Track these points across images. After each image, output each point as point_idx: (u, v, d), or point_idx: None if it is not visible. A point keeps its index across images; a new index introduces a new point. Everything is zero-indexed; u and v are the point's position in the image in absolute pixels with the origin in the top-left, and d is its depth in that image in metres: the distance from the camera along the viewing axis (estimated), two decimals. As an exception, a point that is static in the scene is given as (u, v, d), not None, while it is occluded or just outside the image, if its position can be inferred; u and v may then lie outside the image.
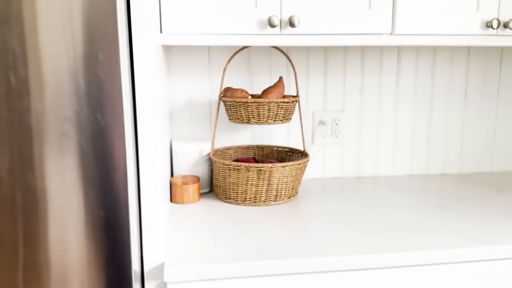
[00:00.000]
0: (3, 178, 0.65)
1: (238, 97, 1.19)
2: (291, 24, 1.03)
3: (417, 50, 1.44)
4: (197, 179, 1.23)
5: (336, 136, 1.45)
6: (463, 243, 0.92)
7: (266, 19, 1.04)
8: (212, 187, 1.30)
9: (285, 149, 1.36)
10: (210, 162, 1.28)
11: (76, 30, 0.63)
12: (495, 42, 1.13)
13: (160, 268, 0.83)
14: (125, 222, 0.70)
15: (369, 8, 1.08)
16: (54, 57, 0.64)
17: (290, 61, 1.24)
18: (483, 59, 1.48)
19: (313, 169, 1.46)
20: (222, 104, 1.37)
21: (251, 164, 1.14)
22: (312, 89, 1.42)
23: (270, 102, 1.16)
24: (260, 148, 1.39)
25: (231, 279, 0.85)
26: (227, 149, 1.36)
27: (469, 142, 1.52)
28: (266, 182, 1.16)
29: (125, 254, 0.71)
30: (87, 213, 0.68)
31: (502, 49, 1.48)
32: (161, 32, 1.01)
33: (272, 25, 1.03)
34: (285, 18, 1.05)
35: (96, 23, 0.64)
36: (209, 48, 1.35)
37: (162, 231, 0.83)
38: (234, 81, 1.38)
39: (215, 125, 1.25)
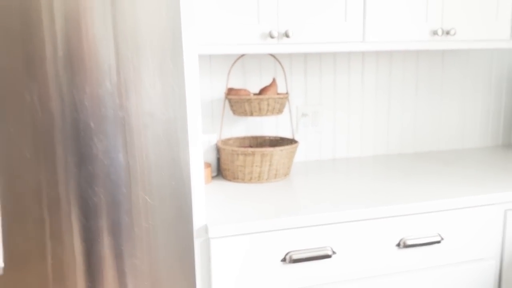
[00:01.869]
0: (98, 157, 0.86)
1: (243, 95, 1.44)
2: (287, 35, 1.31)
3: (377, 53, 1.77)
4: (208, 164, 1.48)
5: (315, 125, 1.74)
6: (419, 198, 1.24)
7: (267, 32, 1.31)
8: (220, 171, 1.54)
9: (276, 138, 1.63)
10: (217, 150, 1.53)
11: (154, 47, 0.86)
12: (440, 46, 1.47)
13: (204, 228, 1.08)
14: (188, 191, 0.94)
15: (345, 20, 1.37)
16: (138, 67, 0.86)
17: (281, 64, 1.51)
18: (429, 59, 1.83)
19: (298, 154, 1.74)
20: (227, 102, 1.61)
21: (256, 149, 1.40)
22: (295, 87, 1.70)
23: (269, 98, 1.43)
24: (255, 138, 1.65)
25: (257, 233, 1.11)
26: (227, 139, 1.61)
27: (420, 126, 1.87)
28: (268, 163, 1.42)
29: (189, 214, 0.95)
30: (163, 183, 0.91)
31: (443, 52, 1.84)
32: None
33: (271, 37, 1.30)
34: (282, 30, 1.32)
35: (164, 38, 0.87)
36: (210, 55, 1.59)
37: (204, 201, 1.07)
38: (232, 82, 1.63)
39: (222, 119, 1.50)
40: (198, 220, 1.07)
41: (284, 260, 1.13)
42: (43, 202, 0.84)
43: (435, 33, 1.44)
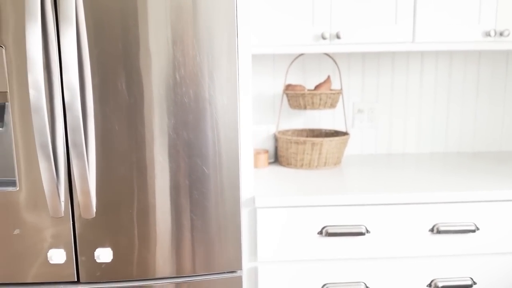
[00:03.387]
0: (168, 132, 1.10)
1: (298, 90, 1.62)
2: (338, 37, 1.46)
3: (437, 54, 1.82)
4: (266, 151, 1.67)
5: (371, 121, 1.85)
6: (456, 189, 1.31)
7: (320, 33, 1.47)
8: (277, 157, 1.73)
9: (331, 131, 1.78)
10: (275, 139, 1.72)
11: (213, 46, 1.08)
12: (492, 47, 1.50)
13: (252, 199, 1.27)
14: (237, 165, 1.14)
15: (395, 23, 1.48)
16: (199, 63, 1.09)
17: (336, 63, 1.65)
18: (492, 61, 1.83)
19: (352, 147, 1.87)
20: (284, 96, 1.81)
21: (307, 138, 1.57)
22: (352, 85, 1.83)
23: (321, 93, 1.59)
24: (311, 130, 1.81)
25: (297, 207, 1.28)
26: (286, 131, 1.79)
27: (481, 126, 1.88)
28: (318, 152, 1.58)
29: (237, 184, 1.15)
30: (217, 156, 1.13)
31: (507, 53, 1.83)
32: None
33: (324, 38, 1.46)
34: (334, 32, 1.47)
35: (221, 39, 1.08)
36: (274, 55, 1.79)
37: (252, 176, 1.26)
38: (293, 79, 1.81)
39: (280, 111, 1.69)
40: (247, 191, 1.27)
41: (320, 233, 1.29)
42: (125, 164, 1.10)
43: (487, 34, 1.48)
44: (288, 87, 1.67)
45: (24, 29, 1.04)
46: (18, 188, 1.10)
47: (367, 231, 1.29)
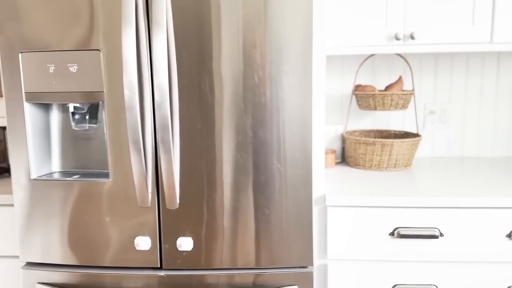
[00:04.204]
0: (245, 131, 1.16)
1: (368, 91, 1.62)
2: (412, 37, 1.44)
3: (517, 52, 1.74)
4: (333, 151, 1.69)
5: (443, 123, 1.80)
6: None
7: (393, 34, 1.46)
8: (344, 157, 1.75)
9: (400, 132, 1.76)
10: (343, 139, 1.73)
11: (290, 49, 1.12)
12: None
13: (322, 198, 1.30)
14: (309, 164, 1.18)
15: (472, 23, 1.44)
16: (277, 65, 1.14)
17: (408, 64, 1.64)
18: None
19: (423, 149, 1.83)
20: (353, 97, 1.81)
21: (377, 139, 1.56)
22: (424, 86, 1.79)
23: (392, 94, 1.58)
24: (380, 131, 1.80)
25: (369, 207, 1.29)
26: (353, 131, 1.80)
27: None
28: (387, 153, 1.57)
29: (309, 182, 1.19)
30: (292, 155, 1.17)
31: None
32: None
33: (397, 38, 1.45)
34: (407, 33, 1.46)
35: (297, 42, 1.12)
36: (342, 56, 1.80)
37: (323, 175, 1.29)
38: (361, 80, 1.81)
39: (348, 112, 1.70)
40: (318, 190, 1.30)
41: (392, 234, 1.29)
42: (206, 160, 1.18)
43: None
44: (357, 87, 1.67)
45: (118, 34, 1.14)
46: (110, 180, 1.21)
47: (441, 234, 1.27)
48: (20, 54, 1.18)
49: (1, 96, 1.55)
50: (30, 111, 1.22)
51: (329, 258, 1.31)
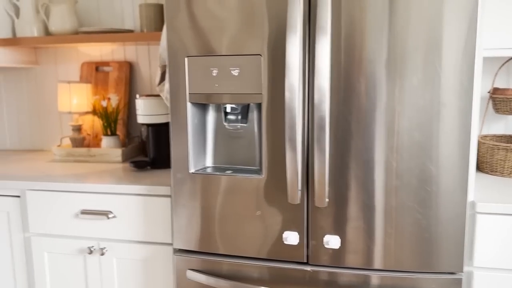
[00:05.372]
0: (399, 132, 1.17)
1: (509, 95, 1.55)
2: None
3: None
4: (466, 156, 1.64)
5: None
6: None
7: (546, 36, 1.39)
8: (477, 162, 1.69)
9: (539, 139, 1.66)
10: (478, 143, 1.67)
11: (452, 51, 1.12)
12: None
13: (471, 204, 1.27)
14: (466, 167, 1.16)
15: None
16: (439, 66, 1.14)
17: (554, 66, 1.54)
18: None
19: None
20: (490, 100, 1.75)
21: (519, 146, 1.50)
22: None
23: (538, 99, 1.50)
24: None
25: (521, 217, 1.24)
26: (484, 136, 1.73)
27: None
28: (531, 160, 1.50)
29: (464, 186, 1.17)
30: (446, 158, 1.16)
31: None
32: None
33: (550, 40, 1.38)
34: (563, 34, 1.38)
35: (460, 44, 1.11)
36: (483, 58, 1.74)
37: (473, 181, 1.26)
38: (496, 83, 1.74)
39: (485, 116, 1.64)
40: (468, 196, 1.27)
41: (548, 245, 1.23)
42: (356, 161, 1.20)
43: None
44: (496, 91, 1.61)
45: (279, 39, 1.21)
46: (263, 176, 1.28)
47: None
48: (186, 58, 1.30)
49: (145, 96, 1.71)
50: (191, 111, 1.33)
51: (475, 265, 1.28)
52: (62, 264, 1.60)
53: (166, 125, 1.73)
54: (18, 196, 1.61)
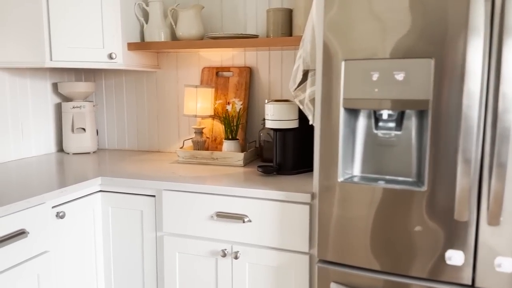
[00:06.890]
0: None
1: None
2: None
3: None
4: None
5: None
6: None
7: None
8: None
9: None
10: None
11: None
12: None
13: None
14: None
15: None
16: None
17: None
18: None
19: None
20: None
21: None
22: None
23: None
24: None
25: None
26: None
27: None
28: None
29: None
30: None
31: None
32: None
33: None
34: None
35: None
36: None
37: None
38: None
39: None
40: None
41: None
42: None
43: None
44: None
45: (453, 41, 1.12)
46: (425, 188, 1.19)
47: None
48: (343, 62, 1.25)
49: (274, 101, 1.68)
50: (344, 117, 1.28)
51: None
52: (193, 265, 1.61)
53: (293, 131, 1.70)
54: (153, 196, 1.65)
